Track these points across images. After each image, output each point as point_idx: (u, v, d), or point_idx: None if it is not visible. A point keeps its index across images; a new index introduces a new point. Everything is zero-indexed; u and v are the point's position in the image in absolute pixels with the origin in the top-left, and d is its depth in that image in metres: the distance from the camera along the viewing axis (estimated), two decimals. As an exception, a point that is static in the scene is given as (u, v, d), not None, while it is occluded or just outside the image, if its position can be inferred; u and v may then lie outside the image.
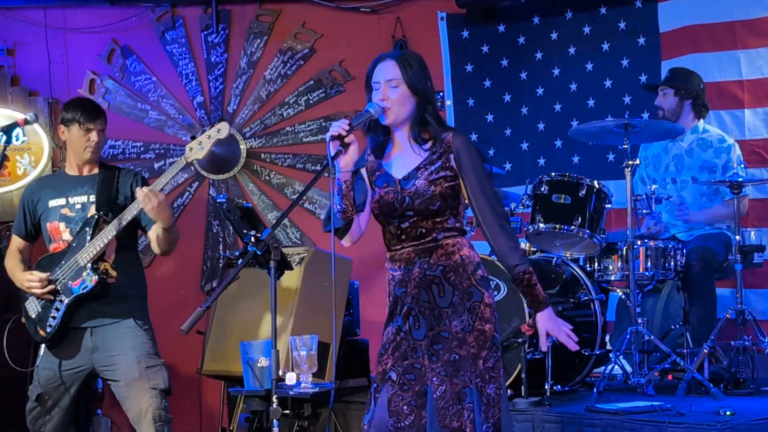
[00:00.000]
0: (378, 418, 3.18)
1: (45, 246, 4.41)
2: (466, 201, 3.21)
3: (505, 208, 4.96)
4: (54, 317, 4.24)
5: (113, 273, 4.27)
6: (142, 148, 6.59)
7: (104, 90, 6.58)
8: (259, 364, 4.68)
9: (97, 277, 4.18)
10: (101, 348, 4.26)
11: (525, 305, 4.42)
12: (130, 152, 6.58)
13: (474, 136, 6.43)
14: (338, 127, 3.09)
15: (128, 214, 4.17)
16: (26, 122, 4.16)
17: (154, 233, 4.23)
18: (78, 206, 4.30)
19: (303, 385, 4.54)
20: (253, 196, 6.57)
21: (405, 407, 3.14)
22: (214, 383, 5.81)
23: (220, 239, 6.56)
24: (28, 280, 4.27)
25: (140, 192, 4.05)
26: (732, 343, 4.59)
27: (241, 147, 6.56)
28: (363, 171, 3.26)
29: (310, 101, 6.60)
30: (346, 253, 5.09)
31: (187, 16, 6.64)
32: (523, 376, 4.36)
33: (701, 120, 5.24)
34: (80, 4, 6.61)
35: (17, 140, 6.23)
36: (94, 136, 4.31)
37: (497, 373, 3.13)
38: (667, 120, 5.11)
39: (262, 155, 6.61)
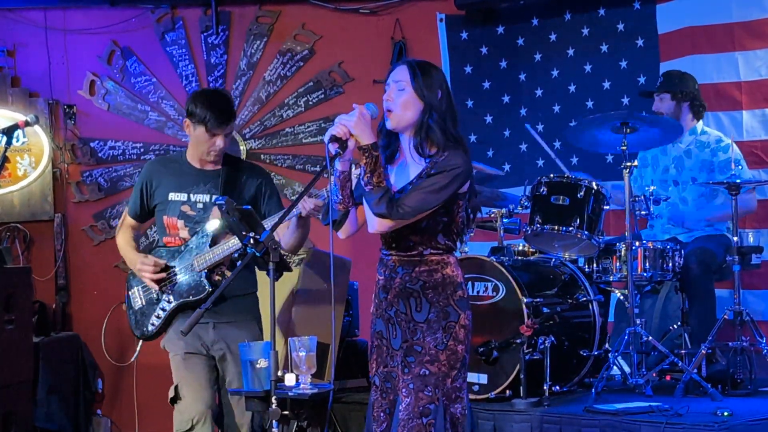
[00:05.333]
0: (367, 421, 3.24)
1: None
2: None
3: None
4: (158, 317, 4.09)
5: (228, 274, 4.08)
6: (142, 149, 6.60)
7: (104, 91, 6.59)
8: (258, 365, 4.69)
9: (210, 288, 4.01)
10: (221, 340, 4.09)
11: (523, 306, 4.44)
12: (130, 153, 6.59)
13: (473, 138, 6.44)
14: (338, 128, 3.09)
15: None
16: (27, 124, 4.13)
17: (287, 228, 4.03)
18: (200, 205, 4.10)
19: (302, 386, 4.55)
20: (253, 197, 6.58)
21: (382, 414, 3.20)
22: (213, 384, 5.81)
23: (220, 240, 6.57)
24: (143, 262, 4.07)
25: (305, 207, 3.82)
26: (730, 343, 4.60)
27: (241, 148, 6.58)
28: None
29: (310, 102, 6.62)
30: (345, 254, 5.11)
31: (187, 17, 6.65)
32: (521, 376, 4.37)
33: (699, 121, 5.25)
34: (80, 5, 6.62)
35: (17, 141, 6.23)
36: (219, 141, 4.03)
37: (462, 393, 3.16)
38: None
39: (262, 156, 6.62)
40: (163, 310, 4.09)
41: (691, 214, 5.11)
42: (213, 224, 4.04)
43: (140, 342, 4.19)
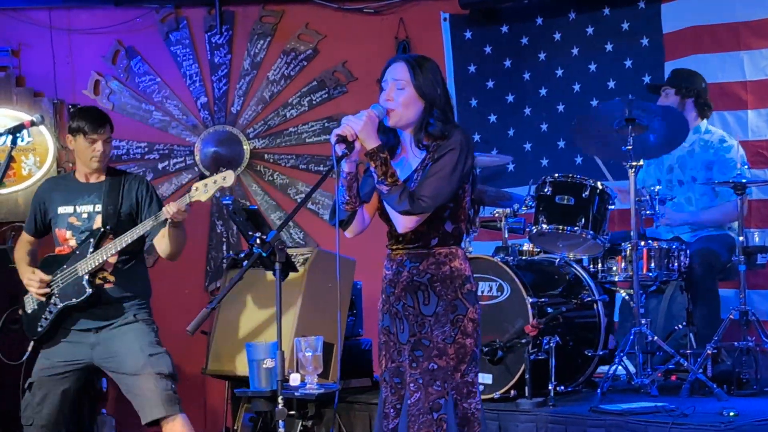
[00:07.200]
0: (378, 418, 3.23)
1: (53, 244, 4.52)
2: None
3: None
4: (46, 318, 4.37)
5: (111, 278, 4.37)
6: (146, 149, 6.60)
7: (109, 91, 6.59)
8: (264, 365, 4.70)
9: (90, 290, 4.28)
10: (103, 343, 4.34)
11: (528, 306, 4.44)
12: (134, 153, 6.59)
13: (477, 137, 6.44)
14: (344, 129, 3.08)
15: (134, 234, 4.25)
16: (32, 124, 4.19)
17: (162, 236, 4.31)
18: (84, 215, 4.40)
19: (308, 385, 4.57)
20: (257, 197, 6.59)
21: (392, 410, 3.19)
22: (218, 383, 5.82)
23: (224, 239, 6.57)
24: (29, 278, 4.41)
25: (168, 211, 4.14)
26: (735, 343, 4.60)
27: (245, 148, 6.58)
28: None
29: (314, 102, 6.61)
30: (350, 254, 5.11)
31: (191, 17, 6.65)
32: (527, 376, 4.37)
33: (704, 120, 5.25)
34: (84, 5, 6.62)
35: (22, 141, 6.24)
36: (99, 146, 4.37)
37: (475, 388, 3.14)
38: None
39: (266, 156, 6.62)
40: (51, 312, 4.36)
41: (693, 215, 5.10)
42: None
43: (31, 343, 4.51)
